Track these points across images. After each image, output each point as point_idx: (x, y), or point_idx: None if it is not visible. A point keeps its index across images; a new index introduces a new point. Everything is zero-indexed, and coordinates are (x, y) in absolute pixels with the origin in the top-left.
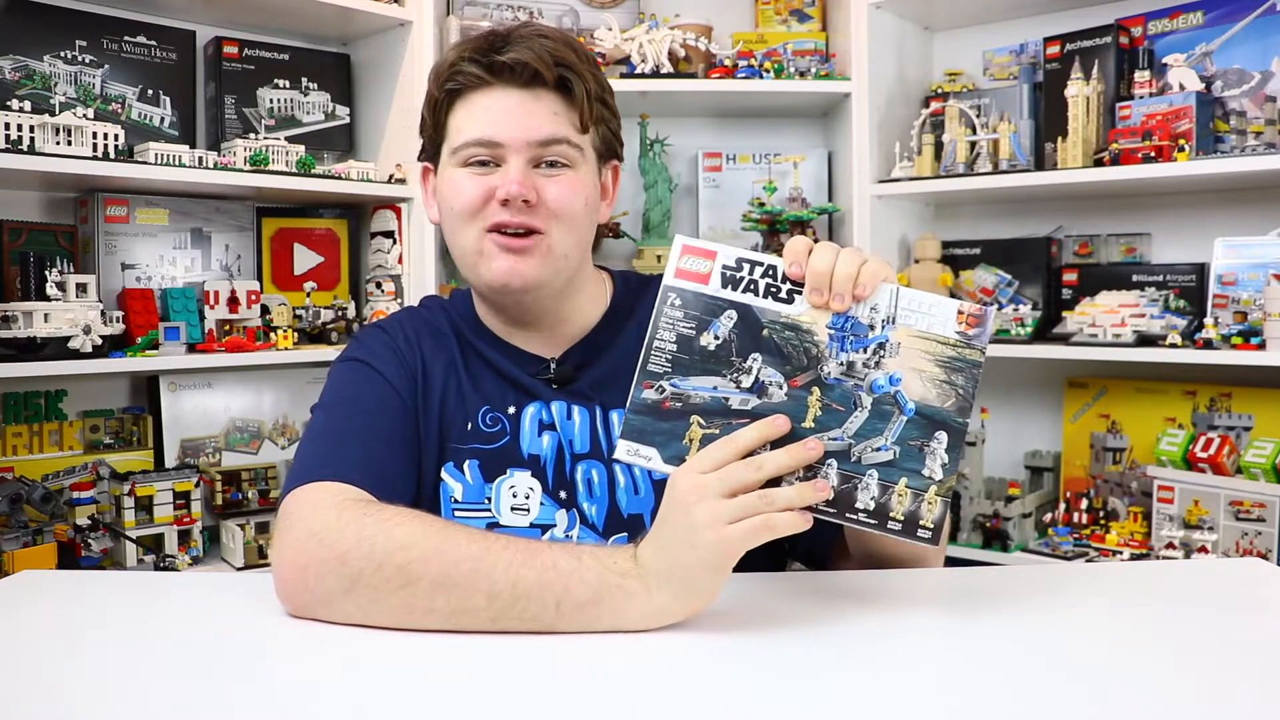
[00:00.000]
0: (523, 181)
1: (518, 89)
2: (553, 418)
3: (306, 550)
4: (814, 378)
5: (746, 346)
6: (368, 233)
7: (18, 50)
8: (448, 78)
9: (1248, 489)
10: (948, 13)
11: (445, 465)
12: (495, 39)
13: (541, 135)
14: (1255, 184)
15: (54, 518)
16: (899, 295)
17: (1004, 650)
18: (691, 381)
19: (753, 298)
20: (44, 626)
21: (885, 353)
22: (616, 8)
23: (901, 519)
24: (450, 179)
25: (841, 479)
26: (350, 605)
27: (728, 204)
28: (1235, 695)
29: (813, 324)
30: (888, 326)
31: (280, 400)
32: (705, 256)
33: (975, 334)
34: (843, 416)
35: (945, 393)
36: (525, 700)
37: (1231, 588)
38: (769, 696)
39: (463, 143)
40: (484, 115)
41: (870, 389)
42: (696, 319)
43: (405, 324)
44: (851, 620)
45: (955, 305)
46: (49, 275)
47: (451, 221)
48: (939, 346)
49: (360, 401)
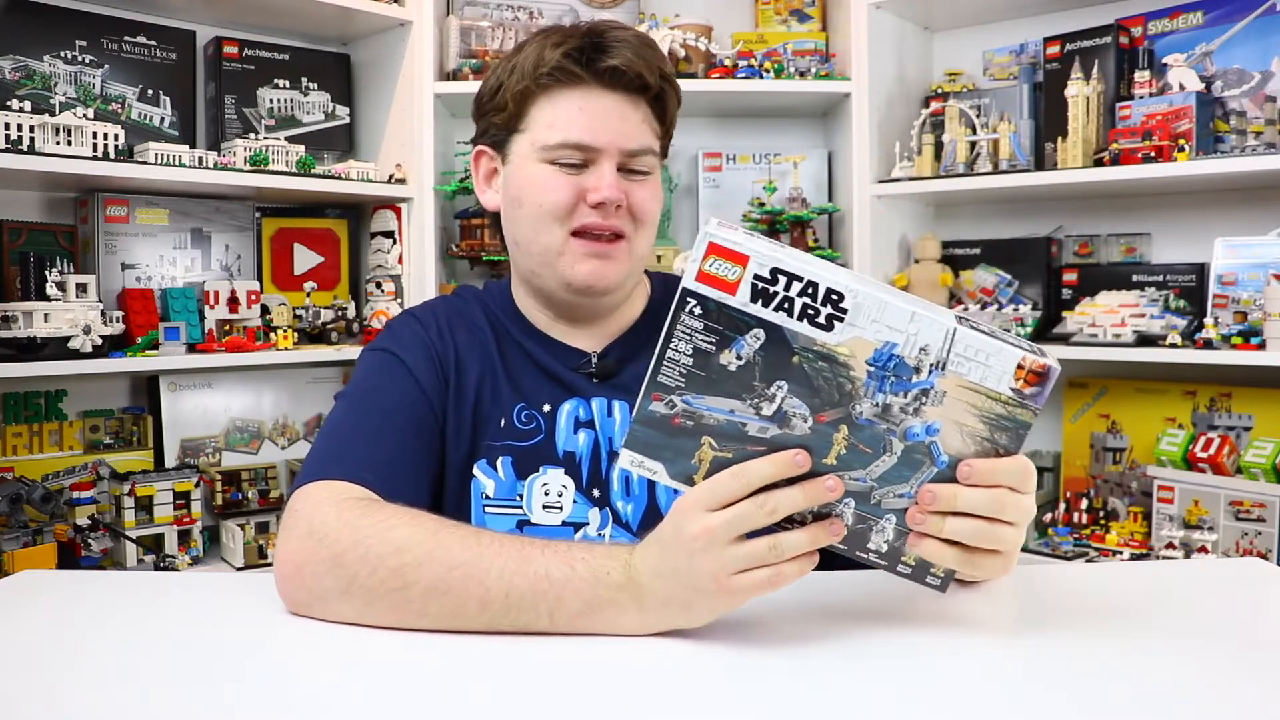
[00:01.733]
0: (617, 186)
1: (616, 93)
2: (591, 414)
3: (305, 549)
4: (843, 415)
5: (772, 372)
6: (368, 233)
7: (18, 50)
8: (547, 71)
9: (1248, 489)
10: (948, 13)
11: (477, 462)
12: (593, 38)
13: (635, 144)
14: (1255, 184)
15: (54, 518)
16: (954, 338)
17: (1003, 650)
18: (706, 401)
19: (785, 318)
20: (44, 626)
21: (928, 400)
22: (616, 8)
23: (913, 564)
24: (535, 175)
25: (857, 519)
26: (346, 605)
27: (728, 204)
28: (1235, 695)
29: (850, 357)
30: (935, 372)
31: (280, 400)
32: (735, 261)
33: (1032, 393)
34: (868, 459)
35: (984, 451)
36: (526, 700)
37: (1231, 588)
38: (769, 696)
39: (558, 142)
40: (580, 117)
41: (904, 435)
42: (718, 334)
43: (440, 314)
44: (848, 620)
45: (1017, 358)
46: (49, 275)
47: (534, 218)
48: (988, 401)
49: (381, 395)
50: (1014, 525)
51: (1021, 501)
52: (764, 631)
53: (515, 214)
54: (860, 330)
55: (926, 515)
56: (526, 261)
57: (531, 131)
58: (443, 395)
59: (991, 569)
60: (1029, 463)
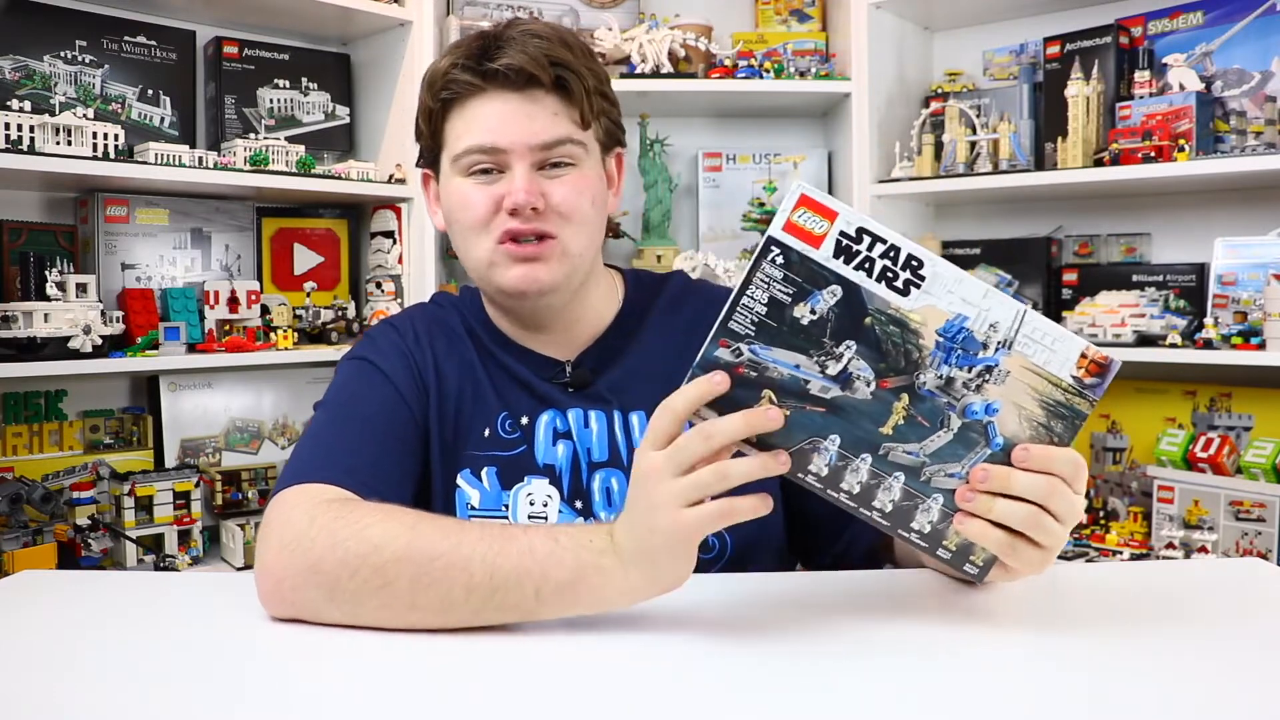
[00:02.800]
0: (529, 189)
1: (514, 93)
2: (569, 425)
3: (280, 562)
4: (907, 384)
5: (843, 330)
6: (368, 233)
7: (18, 50)
8: (442, 86)
9: (1248, 489)
10: (948, 13)
11: (461, 472)
12: (486, 42)
13: (544, 138)
14: (1255, 184)
15: (54, 518)
16: (1024, 319)
17: (1003, 650)
18: (774, 353)
19: (864, 277)
20: (44, 626)
21: (990, 378)
22: (616, 8)
23: (954, 549)
24: (455, 189)
25: (904, 495)
26: (333, 610)
27: (728, 204)
28: (1235, 695)
29: (922, 325)
30: (1001, 350)
31: (280, 400)
32: (824, 215)
33: (1092, 383)
34: (925, 432)
35: (1039, 436)
36: (525, 700)
37: (1231, 588)
38: (767, 696)
39: (464, 149)
40: (482, 122)
41: (963, 412)
42: (796, 286)
43: (417, 322)
44: (849, 619)
45: (1080, 346)
46: (49, 275)
47: (461, 233)
48: (1049, 386)
49: (359, 403)
50: (1061, 521)
51: (1071, 496)
52: (764, 631)
53: (451, 232)
54: (935, 299)
55: (976, 494)
56: (473, 276)
57: (449, 148)
58: (423, 402)
59: (1030, 562)
60: (1081, 458)
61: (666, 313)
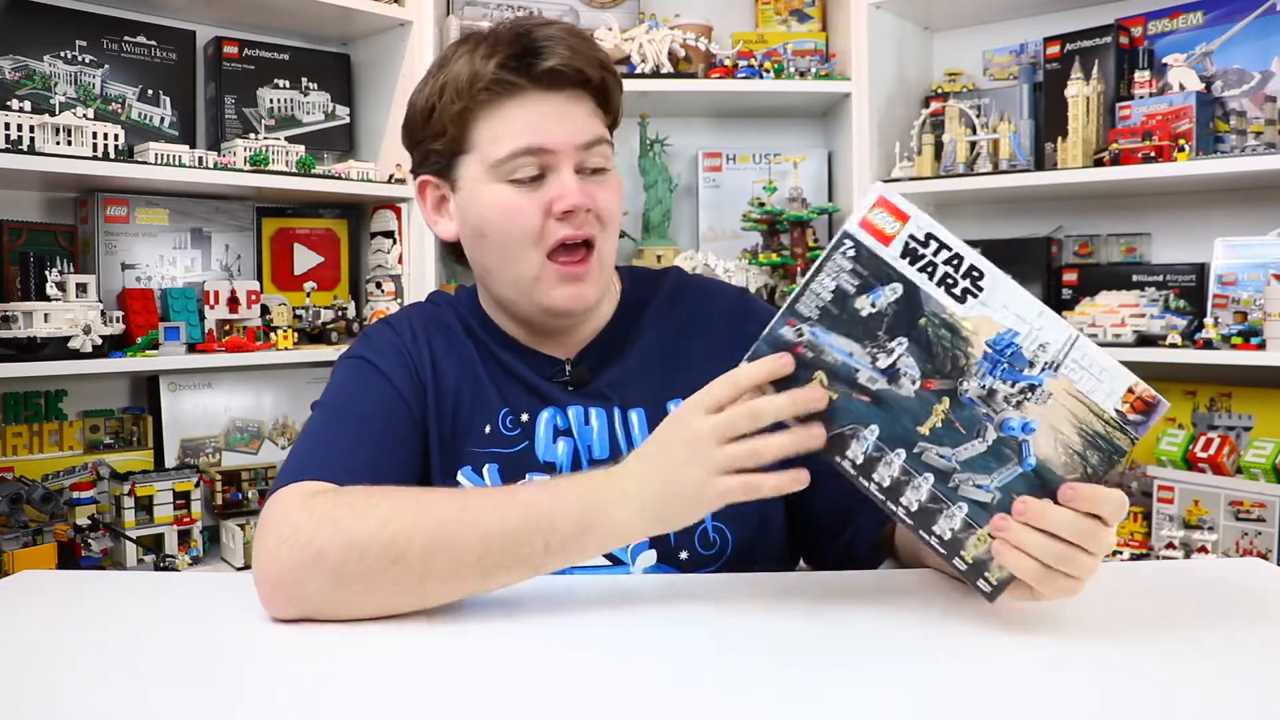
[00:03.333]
0: (582, 189)
1: (560, 93)
2: (569, 423)
3: (279, 559)
4: (950, 388)
5: (898, 327)
6: (368, 233)
7: (18, 50)
8: (484, 86)
9: (1248, 489)
10: (948, 13)
11: (462, 469)
12: (524, 41)
13: (585, 138)
14: (1255, 184)
15: (54, 518)
16: (1075, 344)
17: (1003, 650)
18: (831, 338)
19: (925, 280)
20: (44, 626)
21: (1032, 397)
22: (616, 8)
23: (970, 561)
24: (495, 199)
25: (931, 497)
26: (340, 599)
27: (728, 204)
28: (1235, 695)
29: (973, 333)
30: (1047, 371)
31: (280, 400)
32: (897, 217)
33: (1136, 420)
34: (960, 439)
35: (1073, 464)
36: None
37: (1231, 588)
38: (767, 696)
39: (510, 153)
40: (525, 123)
41: (1000, 426)
42: (862, 279)
43: (414, 321)
44: (849, 619)
45: (1129, 381)
46: (49, 275)
47: (503, 248)
48: (1090, 416)
49: (357, 402)
50: (1093, 555)
51: (1108, 535)
52: (764, 631)
53: (480, 244)
54: (990, 311)
55: (1010, 523)
56: (501, 289)
57: (479, 150)
58: (421, 400)
59: (1062, 590)
60: (1125, 498)
61: (664, 309)
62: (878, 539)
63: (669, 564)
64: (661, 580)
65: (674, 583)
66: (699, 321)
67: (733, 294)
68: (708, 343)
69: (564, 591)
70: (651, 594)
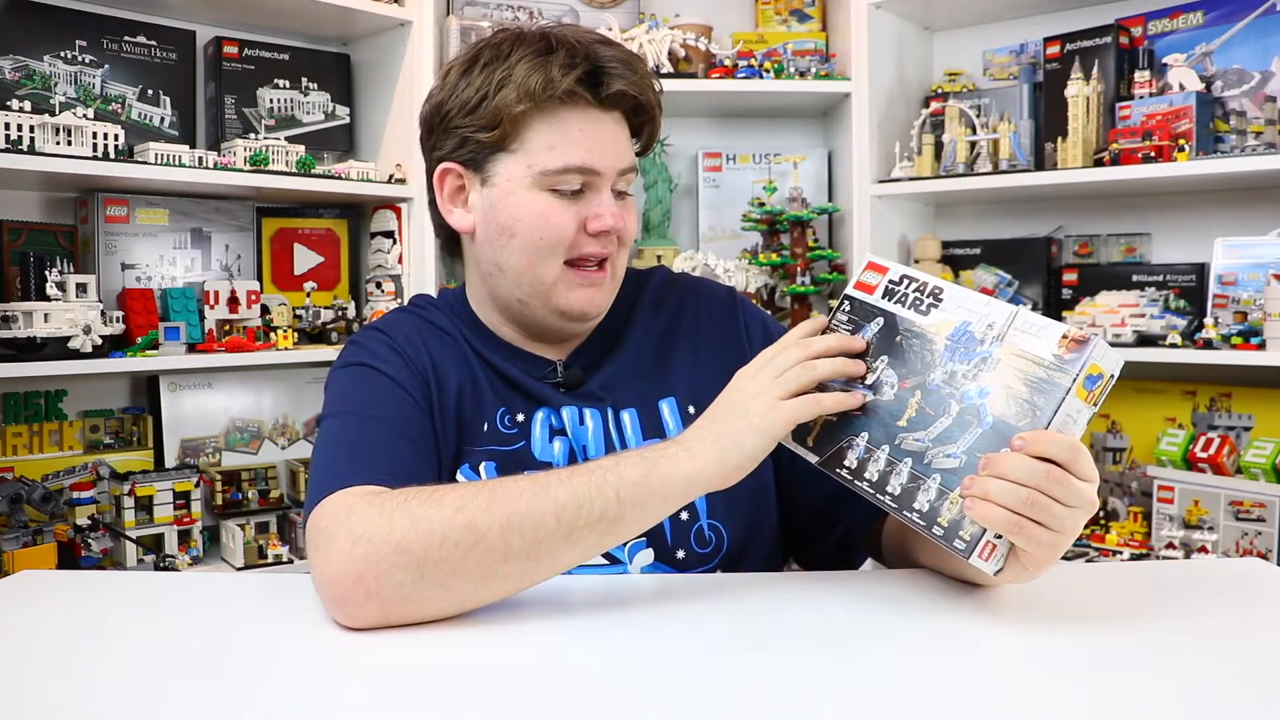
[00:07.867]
0: (618, 213)
1: (613, 114)
2: (564, 423)
3: (356, 557)
4: (920, 382)
5: (881, 350)
6: (367, 233)
7: (18, 50)
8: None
9: (1248, 489)
10: (948, 13)
11: (460, 466)
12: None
13: (626, 163)
14: (1255, 184)
15: (54, 518)
16: (1016, 315)
17: (1003, 650)
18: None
19: (899, 309)
20: (44, 626)
21: (985, 367)
22: (616, 8)
23: (945, 525)
24: (535, 204)
25: (910, 478)
26: (425, 591)
27: (728, 204)
28: (1235, 695)
29: (935, 334)
30: (995, 343)
31: (280, 400)
32: (880, 272)
33: (1071, 359)
34: (931, 420)
35: (1023, 411)
36: (527, 700)
37: (1231, 588)
38: (768, 696)
39: (562, 166)
40: (583, 140)
41: (961, 399)
42: (855, 322)
43: (405, 323)
44: (847, 619)
45: (1063, 329)
46: (49, 275)
47: (530, 250)
48: (1033, 366)
49: (371, 405)
50: (1066, 505)
51: (1073, 482)
52: (764, 631)
53: (503, 242)
54: (947, 313)
55: (976, 479)
56: (512, 290)
57: (527, 154)
58: (427, 396)
59: (1039, 542)
60: (1078, 443)
61: (651, 309)
62: (866, 537)
63: (666, 563)
64: (658, 579)
65: (671, 582)
66: (687, 321)
67: (721, 292)
68: (696, 341)
69: (562, 590)
70: (649, 593)
